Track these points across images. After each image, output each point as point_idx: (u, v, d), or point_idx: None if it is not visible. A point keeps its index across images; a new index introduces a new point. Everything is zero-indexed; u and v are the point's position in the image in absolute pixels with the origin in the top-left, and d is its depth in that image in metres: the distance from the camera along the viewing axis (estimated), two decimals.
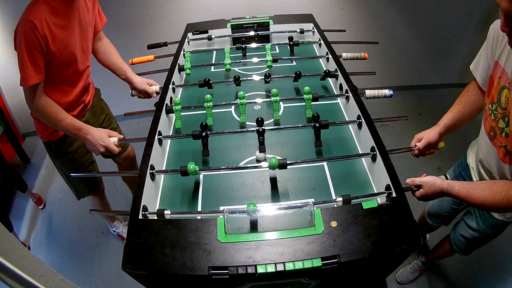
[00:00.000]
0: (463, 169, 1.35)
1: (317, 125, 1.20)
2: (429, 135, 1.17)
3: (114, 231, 2.11)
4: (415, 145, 1.19)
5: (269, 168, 1.05)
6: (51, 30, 1.21)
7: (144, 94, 1.60)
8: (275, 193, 1.09)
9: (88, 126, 1.35)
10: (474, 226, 1.32)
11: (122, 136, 1.37)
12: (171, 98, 1.45)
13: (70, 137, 1.48)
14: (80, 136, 1.34)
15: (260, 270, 0.78)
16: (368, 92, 1.37)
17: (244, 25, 1.90)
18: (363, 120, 1.20)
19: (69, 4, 1.27)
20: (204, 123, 1.20)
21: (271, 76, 1.49)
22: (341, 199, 0.95)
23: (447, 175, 1.05)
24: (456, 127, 1.20)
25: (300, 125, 1.27)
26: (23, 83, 1.20)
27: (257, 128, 1.19)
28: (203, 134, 1.20)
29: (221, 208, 0.98)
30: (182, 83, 1.67)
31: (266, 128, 1.20)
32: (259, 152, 1.19)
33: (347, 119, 1.37)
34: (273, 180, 1.13)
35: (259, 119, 1.20)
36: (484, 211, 1.24)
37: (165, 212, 0.94)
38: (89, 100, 1.56)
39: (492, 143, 1.09)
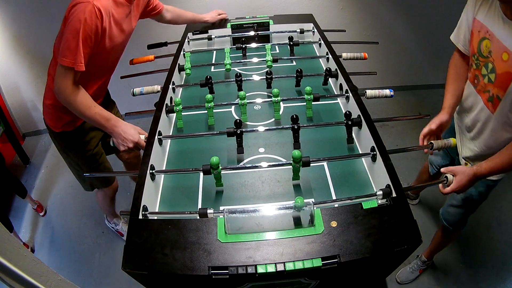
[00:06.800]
0: (449, 131, 1.40)
1: (349, 123, 1.22)
2: (438, 116, 1.22)
3: (113, 228, 2.11)
4: (430, 143, 1.17)
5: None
6: (111, 25, 1.14)
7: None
8: (275, 193, 1.09)
9: (117, 117, 1.25)
10: None
11: (146, 134, 1.26)
12: (171, 98, 1.45)
13: (86, 127, 1.45)
14: (107, 127, 1.23)
15: (260, 270, 0.78)
16: (369, 92, 1.37)
17: (244, 25, 1.90)
18: (363, 120, 1.20)
19: (128, 3, 1.24)
20: (238, 120, 1.19)
21: (272, 75, 1.49)
22: (381, 192, 0.95)
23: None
24: (458, 103, 1.30)
25: (311, 124, 1.28)
26: (72, 64, 1.09)
27: (292, 125, 1.20)
28: (238, 132, 1.19)
29: (221, 208, 0.98)
30: (182, 83, 1.67)
31: (300, 126, 1.20)
32: (294, 148, 1.19)
33: None
34: (273, 180, 1.13)
35: (294, 116, 1.19)
36: None
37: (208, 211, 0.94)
38: (103, 95, 1.55)
39: (476, 90, 1.19)
